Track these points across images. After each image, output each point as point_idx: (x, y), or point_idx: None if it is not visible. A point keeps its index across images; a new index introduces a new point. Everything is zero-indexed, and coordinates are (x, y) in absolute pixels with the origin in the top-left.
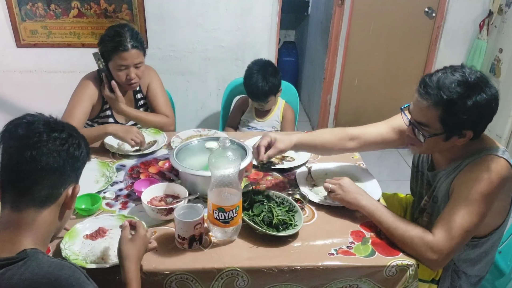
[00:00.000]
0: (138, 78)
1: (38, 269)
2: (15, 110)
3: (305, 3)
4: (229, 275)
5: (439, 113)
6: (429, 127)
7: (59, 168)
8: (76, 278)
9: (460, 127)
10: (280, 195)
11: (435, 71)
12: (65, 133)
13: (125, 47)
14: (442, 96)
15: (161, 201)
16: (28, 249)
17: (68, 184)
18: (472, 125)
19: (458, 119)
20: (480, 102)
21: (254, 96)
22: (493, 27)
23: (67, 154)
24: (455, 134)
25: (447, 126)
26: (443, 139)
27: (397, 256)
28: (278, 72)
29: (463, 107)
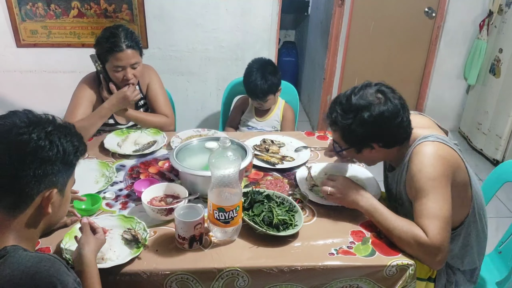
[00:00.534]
0: (135, 78)
1: (18, 264)
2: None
3: (305, 3)
4: (229, 275)
5: (338, 135)
6: (338, 143)
7: (27, 175)
8: (56, 269)
9: (361, 142)
10: (280, 195)
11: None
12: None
13: (120, 48)
14: (332, 118)
15: (161, 201)
16: (8, 246)
17: (42, 189)
18: (372, 139)
19: (353, 137)
20: (365, 120)
21: (253, 95)
22: (493, 27)
23: (35, 159)
24: (363, 147)
25: (348, 141)
26: (355, 152)
27: (397, 256)
28: (277, 71)
29: (351, 129)
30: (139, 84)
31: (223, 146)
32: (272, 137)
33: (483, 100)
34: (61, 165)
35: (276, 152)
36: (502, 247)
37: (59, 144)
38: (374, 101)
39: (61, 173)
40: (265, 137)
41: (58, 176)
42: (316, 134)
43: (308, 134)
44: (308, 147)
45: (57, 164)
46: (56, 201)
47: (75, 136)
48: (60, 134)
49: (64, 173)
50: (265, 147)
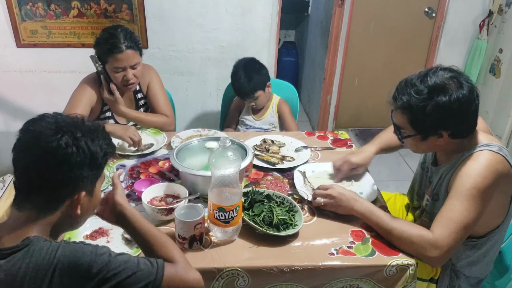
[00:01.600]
0: (136, 79)
1: (39, 252)
2: (15, 110)
3: (305, 3)
4: (229, 275)
5: (406, 116)
6: (404, 129)
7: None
8: (71, 250)
9: (430, 129)
10: (280, 195)
11: (404, 79)
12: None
13: (119, 49)
14: (404, 100)
15: (161, 201)
16: (31, 236)
17: (71, 193)
18: (443, 126)
19: (424, 122)
20: (443, 105)
21: (240, 94)
22: (493, 27)
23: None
24: (430, 135)
25: (416, 128)
26: (420, 139)
27: (397, 255)
28: (262, 67)
29: (424, 111)
30: (139, 84)
31: (223, 146)
32: (272, 137)
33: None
34: (89, 169)
35: (276, 152)
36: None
37: (86, 149)
38: (450, 85)
39: (90, 176)
40: (265, 137)
41: (86, 179)
42: (316, 134)
43: (308, 134)
44: (308, 147)
45: (85, 169)
46: (84, 202)
47: (103, 139)
48: (87, 138)
49: (93, 176)
50: (265, 147)
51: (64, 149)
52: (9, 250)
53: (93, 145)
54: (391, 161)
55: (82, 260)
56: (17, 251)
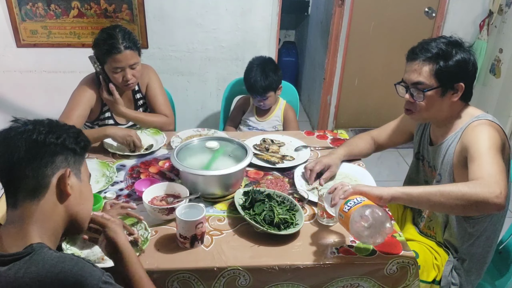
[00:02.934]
0: (135, 78)
1: (43, 263)
2: (15, 110)
3: (305, 3)
4: (230, 274)
5: (431, 67)
6: (425, 84)
7: (33, 159)
8: (80, 268)
9: (452, 79)
10: (281, 194)
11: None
12: (31, 125)
13: (118, 50)
14: (431, 51)
15: (162, 200)
16: (34, 244)
17: (55, 170)
18: (462, 77)
19: (449, 70)
20: (464, 57)
21: (252, 91)
22: (493, 27)
23: (36, 143)
24: (449, 88)
25: (441, 78)
26: (440, 94)
27: (398, 254)
28: (278, 69)
29: (452, 59)
30: (138, 84)
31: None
32: (272, 137)
33: (483, 100)
34: (66, 150)
35: (276, 152)
36: (502, 247)
37: (57, 130)
38: (464, 45)
39: (69, 158)
40: (265, 137)
41: (67, 159)
42: (315, 133)
43: (307, 134)
44: (308, 147)
45: (60, 147)
46: (74, 185)
47: (73, 128)
48: (57, 124)
49: (72, 159)
50: (265, 147)
51: (34, 130)
52: (11, 257)
53: (64, 129)
54: (391, 161)
55: (89, 281)
56: (19, 259)
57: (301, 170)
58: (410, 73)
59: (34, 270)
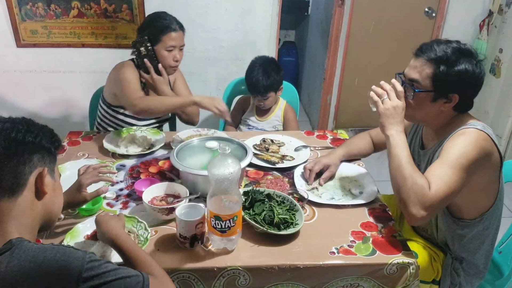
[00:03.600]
0: (179, 62)
1: (25, 255)
2: (15, 110)
3: (305, 3)
4: (230, 274)
5: (431, 70)
6: (420, 83)
7: (12, 156)
8: (62, 253)
9: (448, 88)
10: (281, 194)
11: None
12: (9, 123)
13: (174, 27)
14: (437, 54)
15: (162, 200)
16: (13, 239)
17: (33, 169)
18: (458, 89)
19: (447, 78)
20: (468, 69)
21: (254, 90)
22: (493, 27)
23: (15, 142)
24: (442, 96)
25: (436, 83)
26: (431, 98)
27: (398, 254)
28: (280, 69)
29: (453, 67)
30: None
31: (222, 153)
32: (271, 137)
33: (483, 100)
34: (42, 149)
35: (276, 152)
36: (502, 247)
37: (35, 129)
38: (477, 56)
39: (45, 156)
40: (265, 137)
41: (43, 158)
42: (315, 133)
43: (307, 134)
44: (308, 146)
45: (38, 146)
46: (49, 183)
47: (46, 128)
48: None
49: (47, 157)
50: (265, 147)
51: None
52: None
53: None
54: None
55: (73, 264)
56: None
57: (301, 170)
58: (411, 68)
59: (16, 263)
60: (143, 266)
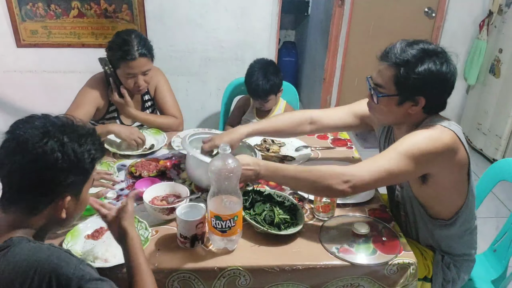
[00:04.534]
0: (146, 84)
1: (20, 254)
2: (15, 110)
3: (305, 3)
4: (231, 274)
5: (393, 73)
6: (384, 88)
7: (40, 187)
8: (56, 256)
9: (412, 91)
10: (281, 194)
11: (397, 41)
12: (50, 144)
13: (132, 56)
14: (398, 57)
15: (162, 200)
16: (14, 237)
17: (55, 198)
18: (424, 91)
19: (410, 82)
20: (432, 69)
21: (254, 94)
22: (493, 27)
23: (48, 170)
24: (408, 99)
25: (400, 87)
26: (397, 102)
27: (399, 254)
28: (279, 71)
29: (414, 69)
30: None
31: (223, 154)
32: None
33: (483, 100)
34: (75, 174)
35: (276, 152)
36: (497, 246)
37: (72, 154)
38: (443, 55)
39: (75, 181)
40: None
41: (72, 185)
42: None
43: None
44: (308, 147)
45: (70, 174)
46: (70, 207)
47: (92, 144)
48: (74, 144)
49: (79, 180)
50: (266, 147)
51: (50, 155)
52: None
53: (80, 150)
54: None
55: (65, 269)
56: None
57: None
58: (376, 73)
59: (11, 261)
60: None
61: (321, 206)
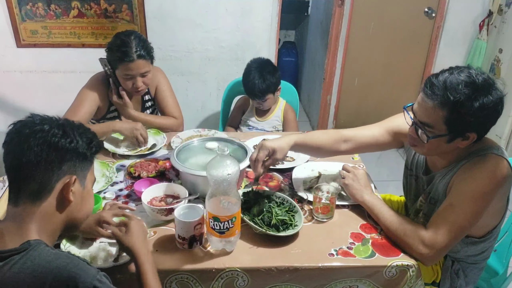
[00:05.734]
0: (145, 86)
1: (39, 259)
2: (15, 110)
3: (305, 3)
4: (229, 275)
5: (445, 114)
6: (433, 128)
7: (43, 162)
8: (75, 265)
9: (464, 129)
10: (280, 195)
11: (441, 71)
12: (47, 125)
13: (130, 58)
14: (449, 97)
15: (161, 201)
16: (31, 240)
17: (61, 176)
18: (477, 127)
19: (464, 121)
20: (487, 104)
21: (251, 94)
22: (493, 27)
23: (49, 147)
24: (459, 136)
25: (452, 127)
26: (446, 140)
27: (397, 257)
28: (276, 70)
29: (469, 109)
30: None
31: (221, 154)
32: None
33: None
34: (76, 155)
35: None
36: (497, 245)
37: (71, 134)
38: (491, 85)
39: (78, 164)
40: (266, 137)
41: (75, 165)
42: None
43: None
44: None
45: (71, 153)
46: (77, 191)
47: (88, 131)
48: (72, 127)
49: (80, 164)
50: None
51: (49, 131)
52: (8, 252)
53: (78, 134)
54: (391, 161)
55: (83, 278)
56: (16, 254)
57: (300, 170)
58: (421, 110)
59: (29, 265)
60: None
61: (320, 207)
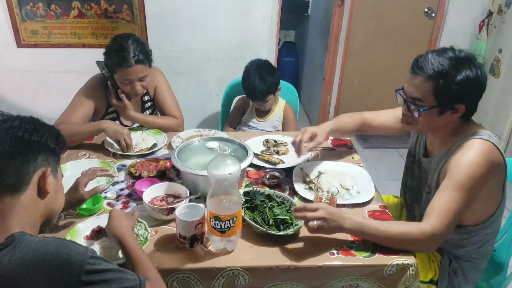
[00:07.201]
0: (143, 89)
1: (27, 248)
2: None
3: (305, 4)
4: (230, 274)
5: (432, 85)
6: (423, 101)
7: (17, 154)
8: (64, 247)
9: (452, 100)
10: (281, 194)
11: (426, 52)
12: (17, 121)
13: (128, 63)
14: (434, 69)
15: (162, 200)
16: (15, 233)
17: (37, 168)
18: (464, 98)
19: (450, 91)
20: (470, 76)
21: (252, 96)
22: (492, 28)
23: (21, 140)
24: (448, 108)
25: (440, 98)
26: (437, 113)
27: (397, 256)
28: (275, 71)
29: (454, 78)
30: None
31: (222, 154)
32: (274, 137)
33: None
34: (47, 149)
35: (285, 153)
36: (497, 245)
37: (41, 130)
38: (475, 59)
39: (50, 157)
40: (268, 137)
41: (47, 159)
42: None
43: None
44: None
45: (43, 146)
46: (51, 183)
47: (53, 128)
48: (40, 123)
49: (52, 158)
50: (274, 150)
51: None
52: None
53: (45, 128)
54: (391, 161)
55: (75, 258)
56: (3, 248)
57: (301, 170)
58: (410, 86)
59: (18, 256)
60: (141, 269)
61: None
